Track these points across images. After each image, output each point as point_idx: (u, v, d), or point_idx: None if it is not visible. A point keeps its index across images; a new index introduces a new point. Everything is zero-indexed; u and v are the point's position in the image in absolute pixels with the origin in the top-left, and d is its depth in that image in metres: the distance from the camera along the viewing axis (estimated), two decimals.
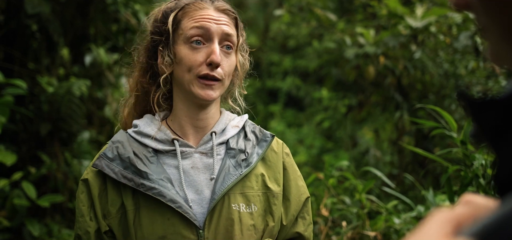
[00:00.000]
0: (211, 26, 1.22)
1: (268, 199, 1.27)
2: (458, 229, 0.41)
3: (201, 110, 1.28)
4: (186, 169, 1.24)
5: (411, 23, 3.87)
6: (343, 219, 2.75)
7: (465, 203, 0.45)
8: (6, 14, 3.36)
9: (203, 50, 1.22)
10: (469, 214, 0.43)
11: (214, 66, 1.20)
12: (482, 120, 0.47)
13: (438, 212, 0.43)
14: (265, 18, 9.27)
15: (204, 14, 1.24)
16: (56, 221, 3.51)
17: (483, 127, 0.47)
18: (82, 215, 1.22)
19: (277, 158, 1.33)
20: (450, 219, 0.42)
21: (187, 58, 1.22)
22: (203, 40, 1.23)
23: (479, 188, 1.81)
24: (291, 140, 7.41)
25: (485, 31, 0.50)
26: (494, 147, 0.46)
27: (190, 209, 1.19)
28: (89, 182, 1.23)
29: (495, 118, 0.45)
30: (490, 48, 0.51)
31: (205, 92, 1.22)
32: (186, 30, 1.23)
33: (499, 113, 0.45)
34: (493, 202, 0.44)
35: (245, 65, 1.35)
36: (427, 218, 0.43)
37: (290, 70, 8.61)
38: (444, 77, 4.01)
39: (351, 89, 5.25)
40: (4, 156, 2.99)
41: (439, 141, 3.98)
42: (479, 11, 0.49)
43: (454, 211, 0.43)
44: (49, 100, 3.46)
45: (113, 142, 1.27)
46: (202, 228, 1.19)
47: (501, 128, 0.45)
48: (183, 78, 1.23)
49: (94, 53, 3.77)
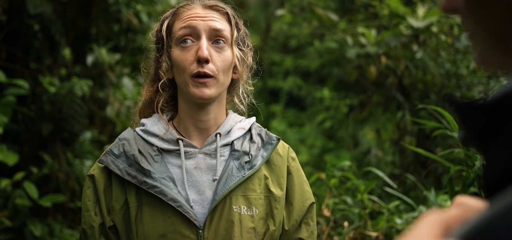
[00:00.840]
0: (198, 24, 1.24)
1: (270, 203, 1.26)
2: (447, 231, 0.42)
3: (201, 110, 1.28)
4: (189, 169, 1.25)
5: (413, 23, 3.86)
6: (345, 220, 2.74)
7: (457, 205, 0.45)
8: (8, 14, 3.37)
9: (192, 49, 1.23)
10: (459, 216, 0.43)
11: (202, 61, 1.21)
12: (470, 123, 0.47)
13: (429, 214, 0.44)
14: (267, 18, 9.27)
15: (191, 13, 1.26)
16: (58, 221, 3.51)
17: (470, 130, 0.47)
18: (87, 210, 1.24)
19: (282, 162, 1.32)
20: (440, 221, 0.42)
21: (179, 59, 1.24)
22: (191, 38, 1.24)
23: (481, 189, 1.81)
24: (292, 140, 7.41)
25: (472, 35, 0.51)
26: (481, 148, 0.47)
27: (191, 209, 1.20)
28: (95, 178, 1.25)
29: (483, 121, 0.45)
30: (478, 52, 0.51)
31: (199, 90, 1.22)
32: (176, 32, 1.26)
33: (486, 115, 0.45)
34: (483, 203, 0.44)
35: (248, 60, 1.34)
36: (417, 219, 0.44)
37: (291, 70, 8.61)
38: (445, 77, 4.01)
39: (353, 89, 5.25)
40: (6, 156, 3.00)
41: (441, 141, 3.98)
42: (466, 15, 0.50)
43: (445, 213, 0.44)
44: (51, 100, 3.47)
45: (120, 139, 1.29)
46: (202, 228, 1.19)
47: (488, 131, 0.45)
48: (179, 79, 1.26)
49: (96, 53, 3.77)
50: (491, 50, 0.49)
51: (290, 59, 8.64)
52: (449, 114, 1.99)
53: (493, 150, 0.45)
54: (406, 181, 4.04)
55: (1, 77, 3.01)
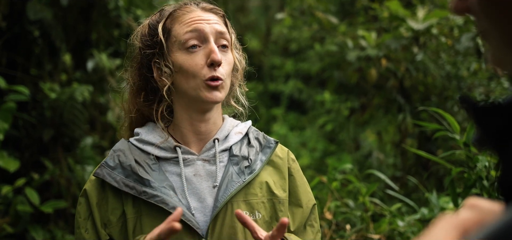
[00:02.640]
0: (204, 27, 1.21)
1: (274, 206, 1.24)
2: (464, 236, 0.41)
3: (203, 115, 1.26)
4: (188, 177, 1.22)
5: (413, 26, 3.86)
6: (347, 222, 2.74)
7: (470, 207, 0.44)
8: (8, 20, 3.37)
9: (200, 53, 1.21)
10: (475, 220, 0.43)
11: (215, 65, 1.19)
12: (486, 125, 0.46)
13: (444, 218, 0.43)
14: (267, 21, 9.28)
15: (193, 16, 1.23)
16: (60, 227, 3.51)
17: (487, 132, 0.46)
18: (78, 227, 1.22)
19: (282, 164, 1.31)
20: (456, 226, 0.42)
21: (186, 64, 1.20)
22: (198, 42, 1.21)
23: (483, 190, 1.81)
24: (293, 143, 7.40)
25: (485, 35, 0.50)
26: (498, 152, 0.46)
27: (193, 216, 1.18)
28: (87, 192, 1.23)
29: (499, 123, 0.45)
30: (491, 52, 0.50)
31: (212, 94, 1.20)
32: (179, 36, 1.22)
33: (503, 118, 0.44)
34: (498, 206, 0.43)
35: (242, 62, 1.33)
36: (433, 224, 0.43)
37: (292, 73, 8.61)
38: (446, 79, 4.01)
39: (354, 91, 5.24)
40: (7, 162, 3.00)
41: (442, 143, 3.97)
42: (480, 15, 0.49)
43: (460, 216, 0.43)
44: (52, 106, 3.47)
45: (115, 150, 1.26)
46: (205, 237, 1.18)
47: (505, 133, 0.44)
48: (187, 85, 1.21)
49: (96, 58, 3.78)
50: (504, 51, 0.48)
51: (291, 63, 8.64)
52: (450, 116, 1.98)
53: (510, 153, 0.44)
54: (408, 184, 4.03)
55: (2, 83, 3.02)
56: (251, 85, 1.32)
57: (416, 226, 2.53)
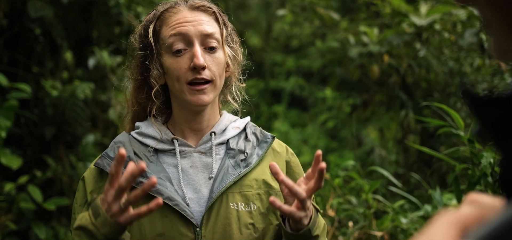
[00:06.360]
0: (188, 30, 1.22)
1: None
2: (464, 232, 0.40)
3: (196, 115, 1.28)
4: (185, 168, 1.25)
5: (415, 21, 3.85)
6: (349, 219, 2.73)
7: (471, 202, 0.44)
8: (9, 18, 3.36)
9: (185, 56, 1.22)
10: (475, 216, 0.42)
11: (198, 69, 1.20)
12: (486, 118, 0.46)
13: (444, 214, 0.42)
14: (268, 18, 9.25)
15: (179, 18, 1.23)
16: (63, 224, 3.51)
17: (487, 124, 0.46)
18: (74, 212, 1.26)
19: (279, 158, 1.33)
20: (456, 222, 0.41)
21: (172, 68, 1.22)
22: (184, 46, 1.22)
23: (487, 187, 1.80)
24: (295, 140, 7.40)
25: (488, 26, 0.50)
26: (499, 144, 0.45)
27: (188, 207, 1.20)
28: (85, 180, 1.27)
29: (500, 115, 0.44)
30: (494, 43, 0.50)
31: (196, 97, 1.22)
32: (165, 39, 1.23)
33: (503, 110, 0.44)
34: (499, 201, 0.43)
35: (238, 56, 1.33)
36: (432, 220, 0.42)
37: (293, 70, 8.59)
38: (449, 75, 3.99)
39: (355, 88, 5.23)
40: (10, 160, 3.00)
41: (445, 140, 3.96)
42: (483, 6, 0.49)
43: (460, 212, 0.42)
44: (54, 103, 3.47)
45: (115, 142, 1.30)
46: (199, 226, 1.20)
47: (506, 125, 0.44)
48: (173, 87, 1.25)
49: (97, 56, 3.77)
50: (507, 42, 0.48)
51: (292, 59, 8.62)
52: (455, 112, 1.97)
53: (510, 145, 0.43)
54: (411, 180, 4.02)
55: (3, 81, 3.02)
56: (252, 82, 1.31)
57: (419, 223, 2.52)
